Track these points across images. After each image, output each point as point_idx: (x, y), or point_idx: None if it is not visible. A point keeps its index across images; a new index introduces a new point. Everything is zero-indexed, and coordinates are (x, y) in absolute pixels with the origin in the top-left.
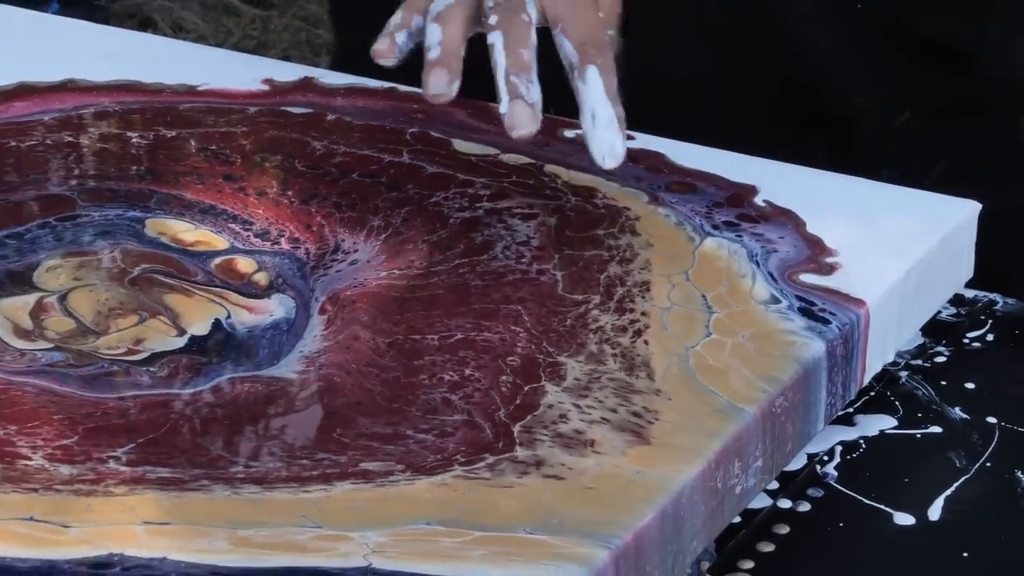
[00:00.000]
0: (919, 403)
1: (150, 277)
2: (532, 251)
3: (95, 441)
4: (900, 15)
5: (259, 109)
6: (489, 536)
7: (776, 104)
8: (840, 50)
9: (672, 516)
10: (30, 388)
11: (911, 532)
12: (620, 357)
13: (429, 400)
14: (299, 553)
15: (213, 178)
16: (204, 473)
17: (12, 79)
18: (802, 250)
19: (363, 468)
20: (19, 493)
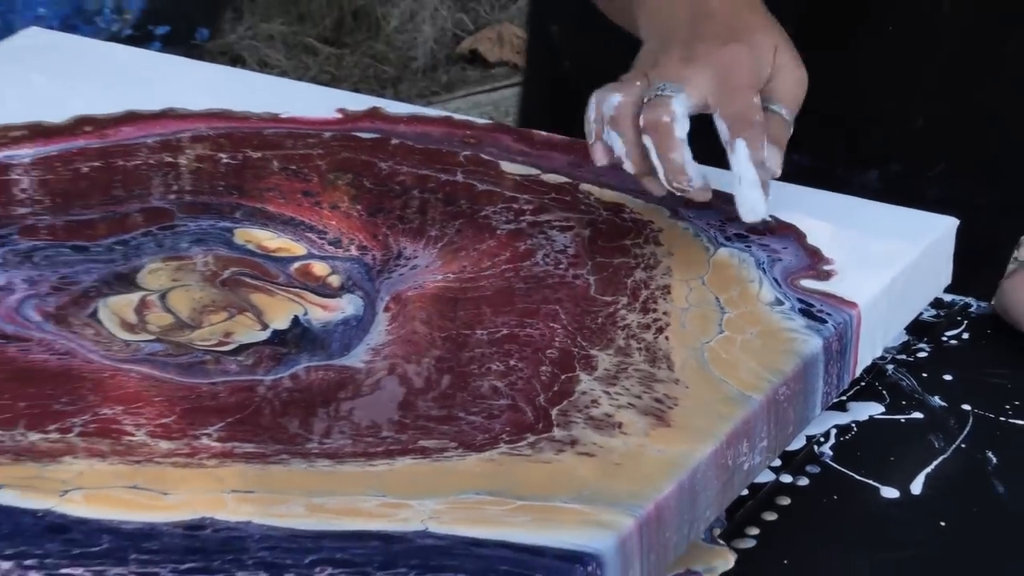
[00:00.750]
0: (903, 392)
1: (238, 279)
2: (568, 258)
3: (190, 420)
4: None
5: (333, 134)
6: (530, 505)
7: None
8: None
9: (689, 489)
10: (134, 374)
11: (896, 504)
12: (644, 351)
13: (478, 387)
14: (365, 518)
15: (293, 193)
16: (284, 448)
17: (121, 107)
18: (803, 259)
19: (421, 445)
20: (124, 464)
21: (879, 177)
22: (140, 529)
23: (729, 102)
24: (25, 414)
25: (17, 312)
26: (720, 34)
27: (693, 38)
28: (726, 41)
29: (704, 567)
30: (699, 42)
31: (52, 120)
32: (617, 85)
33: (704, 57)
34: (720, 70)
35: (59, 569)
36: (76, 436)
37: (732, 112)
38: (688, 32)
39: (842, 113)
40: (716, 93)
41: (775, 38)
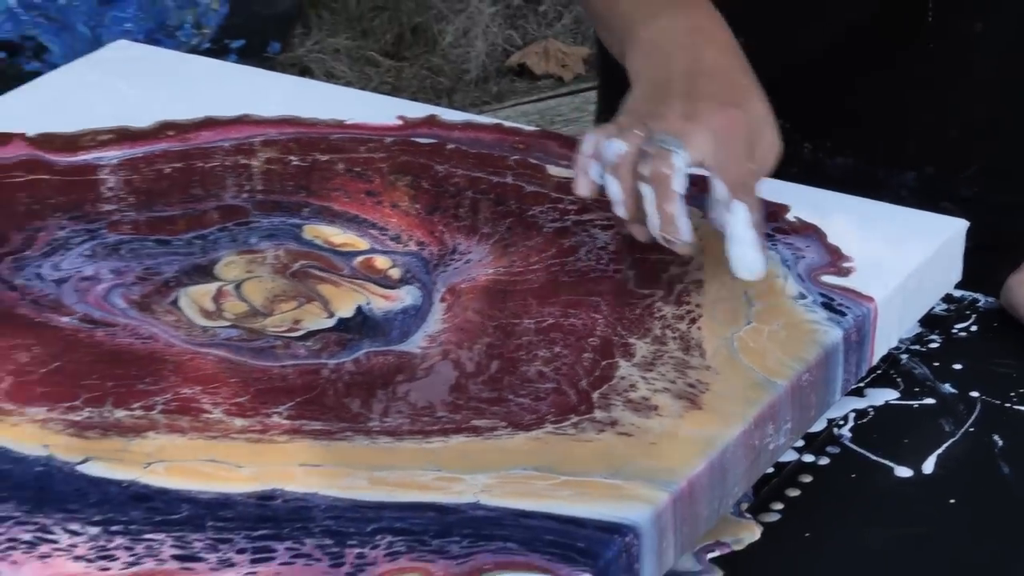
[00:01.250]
0: (916, 380)
1: (307, 271)
2: (609, 254)
3: (262, 399)
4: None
5: (393, 139)
6: (573, 480)
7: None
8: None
9: (719, 467)
10: (211, 357)
11: (909, 483)
12: (679, 340)
13: (526, 371)
14: (422, 491)
15: (357, 193)
16: (348, 426)
17: (200, 114)
18: (824, 257)
19: (473, 424)
20: (202, 439)
21: (915, 178)
22: (216, 499)
23: (728, 167)
24: (112, 393)
25: (105, 300)
26: (718, 96)
27: (693, 95)
28: (725, 104)
29: (732, 539)
30: (700, 101)
31: (137, 125)
32: (617, 131)
33: (706, 119)
34: (720, 134)
35: (142, 535)
36: (158, 413)
37: (732, 177)
38: (686, 86)
39: (884, 122)
40: (715, 156)
41: (765, 106)
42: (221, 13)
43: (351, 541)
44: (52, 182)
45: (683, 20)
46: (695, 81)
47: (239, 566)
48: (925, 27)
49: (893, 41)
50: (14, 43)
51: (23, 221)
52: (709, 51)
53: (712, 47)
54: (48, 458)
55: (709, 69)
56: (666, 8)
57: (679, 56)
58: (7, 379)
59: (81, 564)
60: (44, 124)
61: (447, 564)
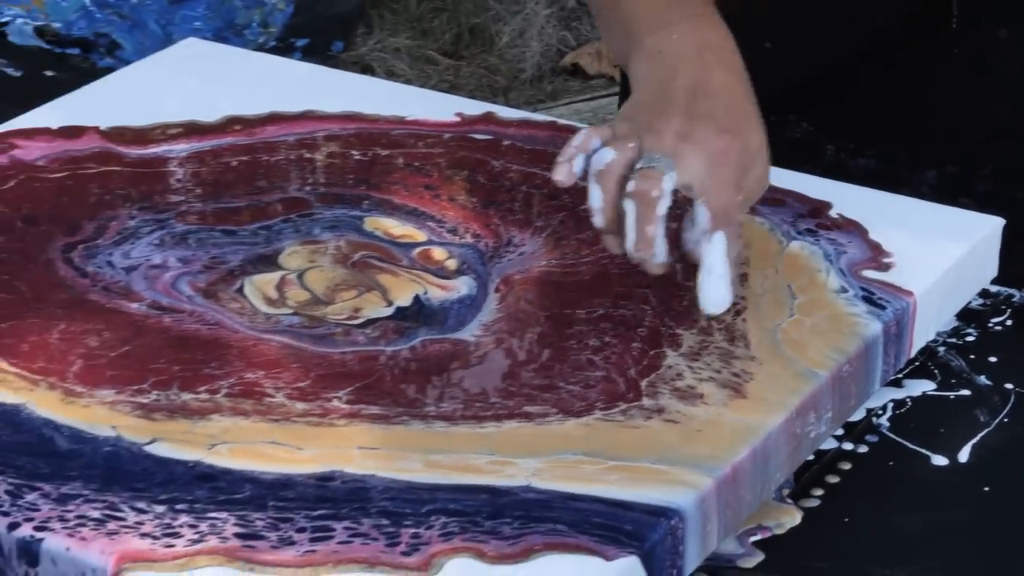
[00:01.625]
0: (953, 372)
1: (367, 261)
2: None
3: (323, 384)
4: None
5: (451, 135)
6: (621, 465)
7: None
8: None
9: (762, 453)
10: (275, 343)
11: (945, 471)
12: (724, 331)
13: (577, 360)
14: (475, 474)
15: (416, 187)
16: (404, 411)
17: (265, 109)
18: (865, 252)
19: (525, 410)
20: (265, 422)
21: (936, 176)
22: (278, 479)
23: (715, 195)
24: (178, 377)
25: (173, 287)
26: (718, 119)
27: (693, 114)
28: (723, 130)
29: (774, 523)
30: (698, 121)
31: (205, 120)
32: (610, 138)
33: (701, 141)
34: (713, 160)
35: (206, 513)
36: (223, 397)
37: (717, 206)
38: (687, 103)
39: (905, 123)
40: (704, 181)
41: (762, 137)
42: (287, 13)
43: (406, 521)
44: (123, 173)
45: (695, 35)
46: (698, 99)
47: (299, 544)
48: (949, 33)
49: (917, 46)
50: (88, 40)
51: (95, 211)
52: (717, 71)
53: (721, 67)
54: (117, 439)
55: (714, 90)
56: (679, 20)
57: (686, 70)
58: (78, 362)
59: (147, 541)
60: (116, 118)
61: (499, 544)
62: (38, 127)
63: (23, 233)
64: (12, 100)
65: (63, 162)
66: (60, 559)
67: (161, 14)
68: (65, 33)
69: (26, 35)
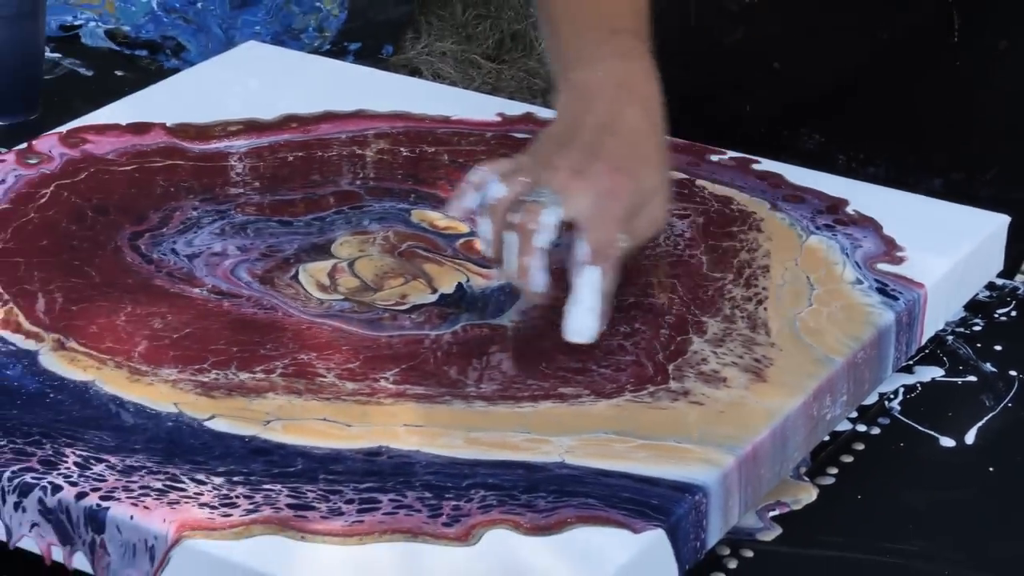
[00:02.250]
0: (960, 359)
1: (413, 251)
2: (685, 241)
3: (371, 366)
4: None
5: (493, 134)
6: (649, 443)
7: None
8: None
9: (780, 434)
10: (326, 327)
11: (952, 452)
12: (747, 319)
13: (608, 345)
14: (513, 451)
15: (460, 182)
16: (447, 391)
17: (320, 108)
18: (880, 246)
19: (560, 391)
20: (317, 400)
21: (943, 183)
22: (328, 454)
23: (596, 230)
24: (236, 357)
25: (232, 273)
26: (616, 158)
27: (592, 152)
28: (617, 168)
29: (791, 499)
30: (594, 160)
31: (264, 117)
32: (509, 170)
33: (593, 179)
34: (600, 197)
35: (261, 485)
36: (278, 376)
37: (596, 240)
38: (590, 140)
39: (913, 133)
40: (589, 218)
41: (661, 177)
42: (340, 18)
43: (448, 494)
44: (187, 167)
45: (618, 72)
46: (601, 138)
47: (347, 515)
48: (951, 45)
49: (921, 59)
50: (155, 42)
51: (160, 202)
52: (629, 109)
53: (634, 106)
54: (178, 415)
55: (620, 128)
56: (608, 56)
57: (598, 107)
58: (143, 343)
59: (206, 510)
60: (181, 115)
61: (534, 517)
62: (108, 123)
63: (94, 222)
64: (85, 98)
65: (131, 156)
66: (124, 527)
67: (224, 19)
68: (134, 36)
69: (98, 37)
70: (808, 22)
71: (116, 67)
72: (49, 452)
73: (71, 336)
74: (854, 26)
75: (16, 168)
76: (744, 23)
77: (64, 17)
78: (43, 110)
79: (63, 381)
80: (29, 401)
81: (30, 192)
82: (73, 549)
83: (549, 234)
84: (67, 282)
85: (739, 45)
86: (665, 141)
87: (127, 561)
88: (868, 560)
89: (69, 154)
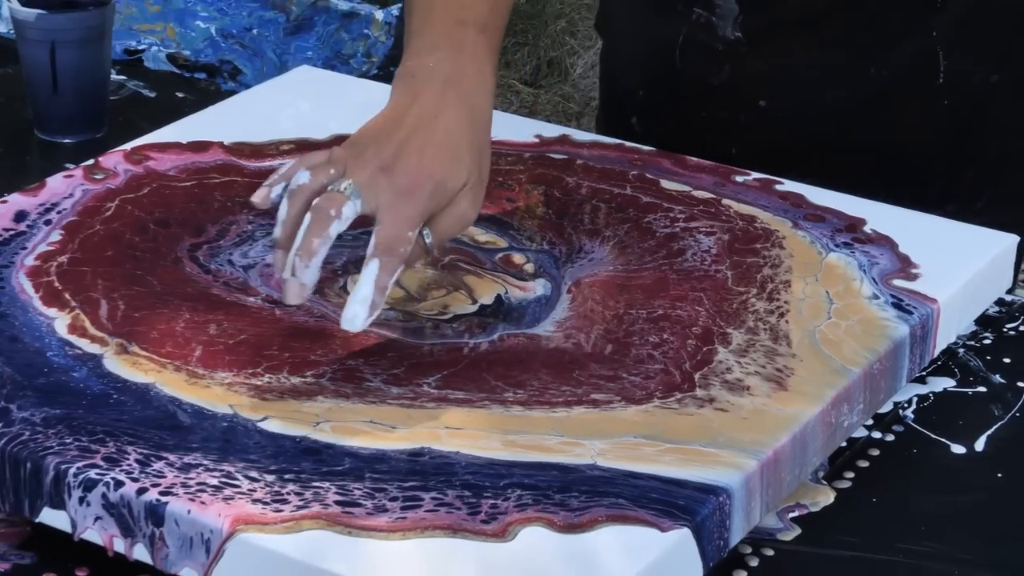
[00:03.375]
0: (971, 371)
1: (455, 264)
2: (712, 257)
3: (415, 372)
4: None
5: (531, 155)
6: (676, 447)
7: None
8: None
9: (800, 440)
10: (373, 334)
11: (963, 458)
12: (769, 331)
13: (638, 354)
14: (548, 453)
15: (499, 199)
16: (486, 396)
17: None
18: (895, 263)
19: (592, 398)
20: (363, 404)
21: (942, 216)
22: (374, 454)
23: (387, 226)
24: (288, 362)
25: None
26: (425, 157)
27: (404, 148)
28: (425, 168)
29: (810, 501)
30: (405, 156)
31: (315, 137)
32: (316, 165)
33: (397, 175)
34: (399, 194)
35: (311, 483)
36: (327, 380)
37: (384, 236)
38: (405, 136)
39: (909, 170)
40: (383, 212)
41: (467, 177)
42: (387, 45)
43: (486, 493)
44: (242, 183)
45: (451, 65)
46: (416, 135)
47: (391, 511)
48: (936, 86)
49: (910, 95)
50: (213, 66)
51: (218, 215)
52: (452, 108)
53: (458, 105)
54: (233, 416)
55: (437, 126)
56: (444, 47)
57: (422, 101)
58: (200, 348)
59: (259, 506)
60: (237, 134)
61: (567, 515)
62: (170, 141)
63: (155, 234)
64: (147, 118)
65: (191, 172)
66: (182, 520)
67: (278, 44)
68: (194, 60)
69: (159, 61)
70: (794, 60)
71: (177, 89)
72: (112, 450)
73: (133, 341)
74: (841, 64)
75: (83, 183)
76: (730, 61)
77: (129, 42)
78: (109, 129)
79: (126, 383)
80: (94, 402)
81: (96, 205)
82: (134, 541)
83: (343, 224)
84: (130, 290)
85: (727, 84)
86: (486, 140)
87: (184, 553)
88: (882, 560)
89: (133, 170)
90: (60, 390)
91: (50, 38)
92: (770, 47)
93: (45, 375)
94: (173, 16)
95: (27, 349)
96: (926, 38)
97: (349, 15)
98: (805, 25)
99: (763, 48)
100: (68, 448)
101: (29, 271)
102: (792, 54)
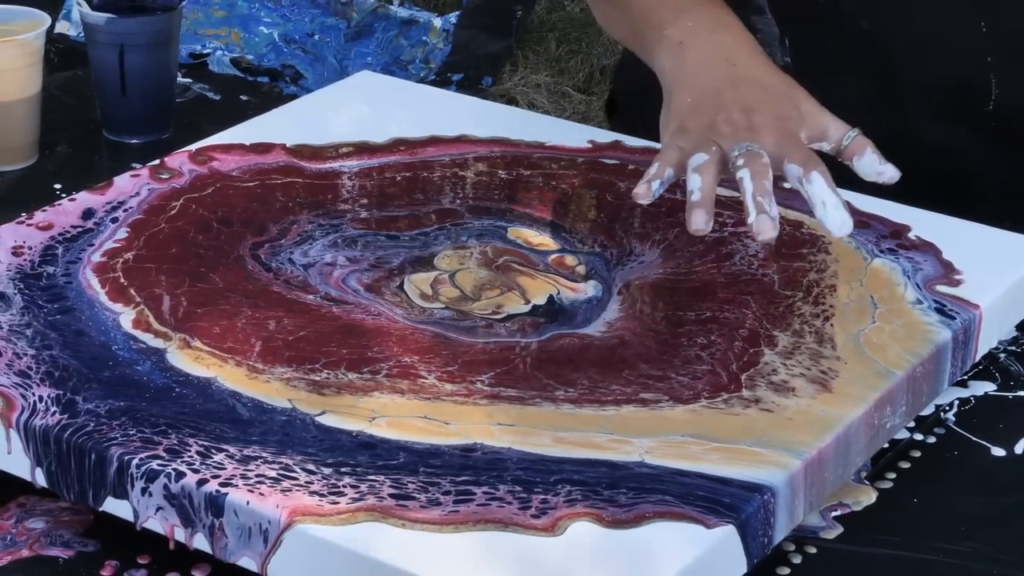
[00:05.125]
0: (1012, 375)
1: (509, 265)
2: (759, 261)
3: (468, 369)
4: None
5: (584, 160)
6: (722, 446)
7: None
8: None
9: (844, 440)
10: (428, 332)
11: (1003, 460)
12: (814, 334)
13: (686, 355)
14: (597, 450)
15: (553, 203)
16: (537, 394)
17: (426, 133)
18: (939, 269)
19: (641, 397)
20: (418, 400)
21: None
22: (428, 449)
23: (793, 153)
24: (346, 359)
25: (343, 282)
26: (767, 106)
27: (744, 107)
28: (773, 106)
29: (853, 501)
30: (753, 114)
31: (374, 140)
32: (681, 156)
33: (766, 126)
34: (781, 133)
35: (366, 476)
36: (383, 377)
37: (799, 158)
38: (733, 95)
39: (962, 190)
40: (781, 149)
41: (801, 93)
42: (445, 51)
43: (537, 488)
44: (303, 184)
45: (707, 18)
46: (740, 91)
47: (444, 505)
48: (989, 110)
49: (962, 121)
50: (276, 70)
51: (279, 215)
52: (739, 54)
53: (740, 49)
54: (292, 410)
55: (748, 76)
56: (684, 10)
57: (714, 63)
58: (260, 344)
59: (315, 498)
60: (299, 137)
61: (615, 511)
62: (233, 143)
63: (219, 233)
64: (212, 120)
65: (253, 173)
66: (241, 511)
67: (338, 50)
68: (257, 64)
69: (224, 65)
70: (843, 87)
71: (240, 92)
72: (174, 442)
73: (196, 336)
74: (893, 95)
75: (149, 183)
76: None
77: (194, 46)
78: (174, 130)
79: (188, 377)
80: (157, 395)
81: (161, 204)
82: (194, 531)
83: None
84: (193, 287)
85: None
86: (776, 66)
87: (243, 543)
88: (922, 559)
89: (197, 170)
90: (124, 383)
91: (119, 41)
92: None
93: (110, 368)
94: (237, 21)
95: (93, 343)
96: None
97: (408, 22)
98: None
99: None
100: (131, 439)
101: (96, 267)
102: (840, 83)
